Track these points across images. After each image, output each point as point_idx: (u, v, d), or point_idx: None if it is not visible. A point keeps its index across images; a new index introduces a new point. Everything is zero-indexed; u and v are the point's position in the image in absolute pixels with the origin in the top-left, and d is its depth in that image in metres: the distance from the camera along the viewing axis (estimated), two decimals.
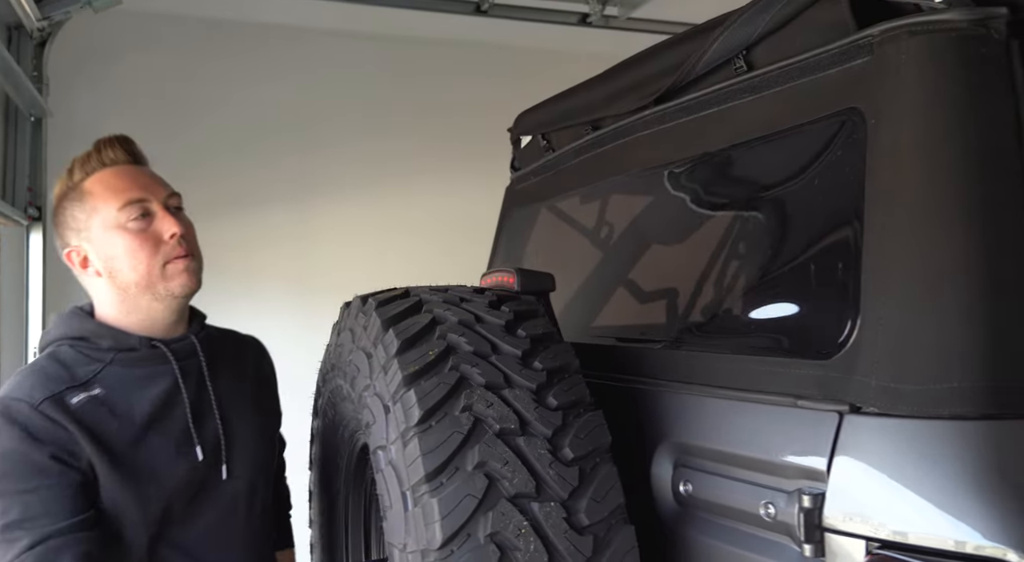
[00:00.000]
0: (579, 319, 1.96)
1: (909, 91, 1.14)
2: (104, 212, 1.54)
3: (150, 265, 1.54)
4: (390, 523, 1.31)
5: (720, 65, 1.51)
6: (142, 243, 1.53)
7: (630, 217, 1.89)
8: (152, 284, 1.55)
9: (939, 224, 1.06)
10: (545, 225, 2.35)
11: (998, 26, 1.12)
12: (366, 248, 4.29)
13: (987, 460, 1.00)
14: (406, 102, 4.27)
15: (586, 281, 2.04)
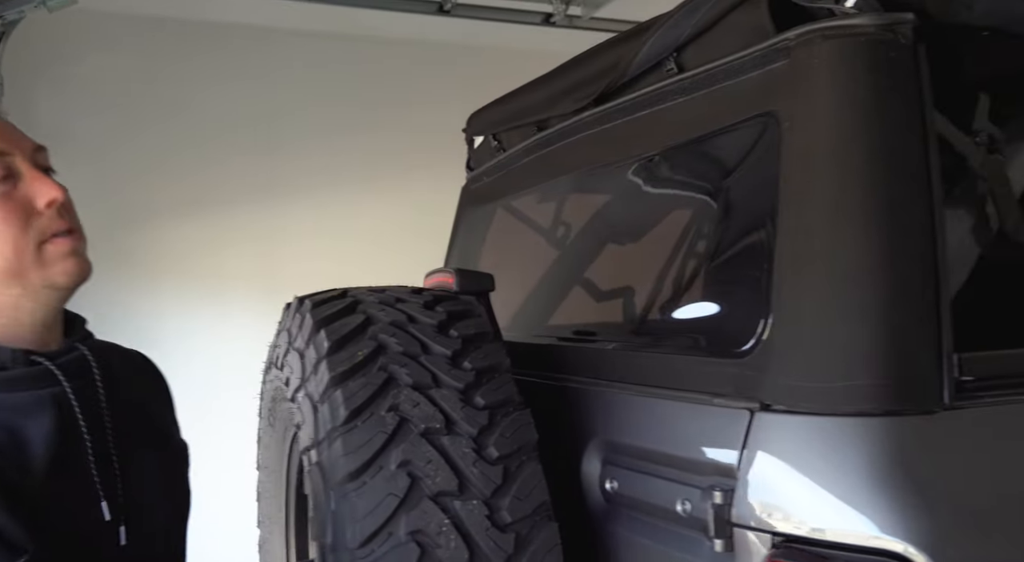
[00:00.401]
0: (524, 318, 1.98)
1: (818, 94, 1.16)
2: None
3: (18, 245, 1.08)
4: (316, 522, 1.32)
5: (653, 67, 1.53)
6: (6, 214, 1.08)
7: (570, 219, 1.90)
8: (22, 272, 1.09)
9: (843, 226, 1.09)
10: (497, 225, 2.37)
11: (905, 31, 1.14)
12: (332, 249, 4.28)
13: (887, 456, 1.02)
14: (371, 102, 4.27)
15: (531, 281, 2.05)
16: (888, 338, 1.05)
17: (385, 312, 1.48)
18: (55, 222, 1.12)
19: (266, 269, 4.26)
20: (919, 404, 1.04)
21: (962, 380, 1.06)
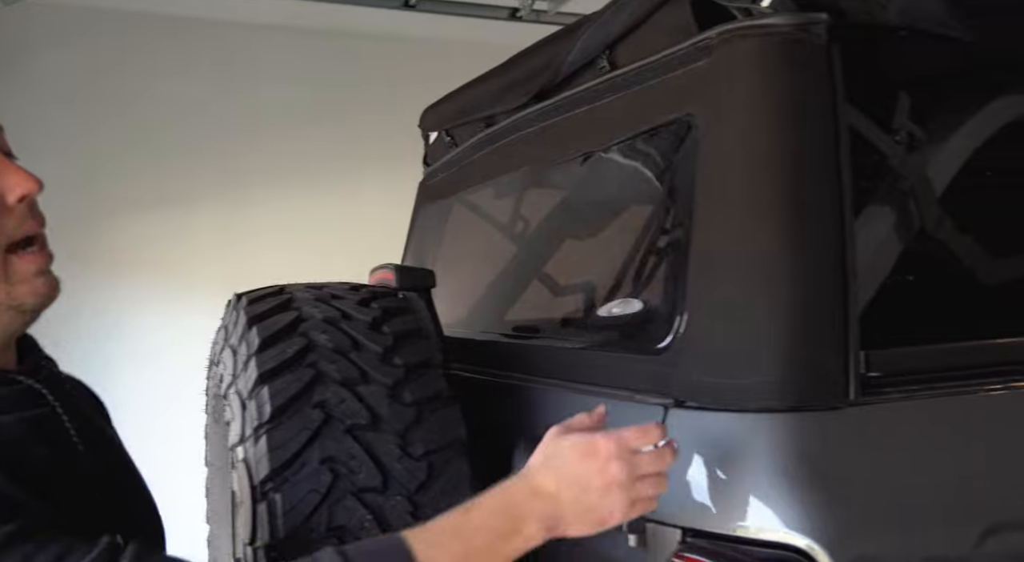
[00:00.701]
0: (470, 314, 1.99)
1: (731, 93, 1.17)
2: None
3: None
4: (241, 519, 1.32)
5: (587, 65, 1.53)
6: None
7: (513, 216, 1.91)
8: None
9: (750, 224, 1.10)
10: (450, 221, 2.37)
11: (819, 31, 1.15)
12: (298, 243, 4.27)
13: (792, 451, 1.04)
14: (336, 97, 4.26)
15: (479, 277, 2.06)
16: (793, 335, 1.06)
17: (319, 309, 1.48)
18: (26, 222, 0.93)
19: (231, 264, 4.24)
20: (825, 400, 1.05)
21: (868, 376, 1.07)
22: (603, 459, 0.93)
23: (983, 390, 1.12)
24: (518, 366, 1.59)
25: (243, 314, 1.49)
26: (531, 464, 0.96)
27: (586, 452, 0.93)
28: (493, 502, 0.92)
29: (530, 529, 0.91)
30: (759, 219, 1.09)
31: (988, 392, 1.12)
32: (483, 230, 2.13)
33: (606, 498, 0.93)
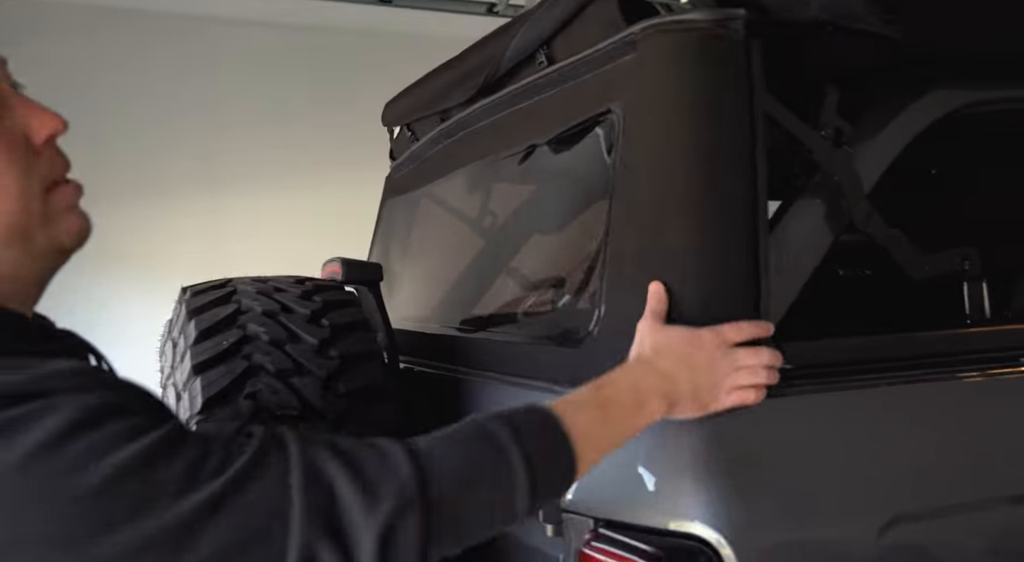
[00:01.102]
0: (423, 307, 2.00)
1: (650, 87, 1.18)
2: None
3: (25, 194, 0.82)
4: None
5: (526, 60, 1.54)
6: (8, 153, 0.82)
7: (464, 211, 1.92)
8: (27, 230, 0.82)
9: (662, 218, 1.11)
10: (412, 215, 2.38)
11: (737, 27, 1.16)
12: (276, 236, 4.29)
13: (700, 443, 1.05)
14: (314, 92, 4.27)
15: (431, 271, 2.07)
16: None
17: (259, 302, 1.49)
18: (57, 163, 0.87)
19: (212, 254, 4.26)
20: None
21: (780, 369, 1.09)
22: (709, 348, 1.01)
23: (893, 383, 1.13)
24: (461, 359, 1.60)
25: (184, 307, 1.50)
26: (644, 351, 1.02)
27: (693, 341, 1.01)
28: (622, 379, 0.97)
29: (652, 405, 0.96)
30: (669, 213, 1.10)
31: (897, 385, 1.14)
32: (440, 225, 2.14)
33: (714, 383, 1.00)
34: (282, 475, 0.71)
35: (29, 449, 0.64)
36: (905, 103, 1.36)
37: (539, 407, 0.88)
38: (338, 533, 0.71)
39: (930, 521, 1.07)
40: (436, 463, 0.79)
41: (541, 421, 0.87)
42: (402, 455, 0.78)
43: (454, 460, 0.80)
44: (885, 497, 1.06)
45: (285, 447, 0.73)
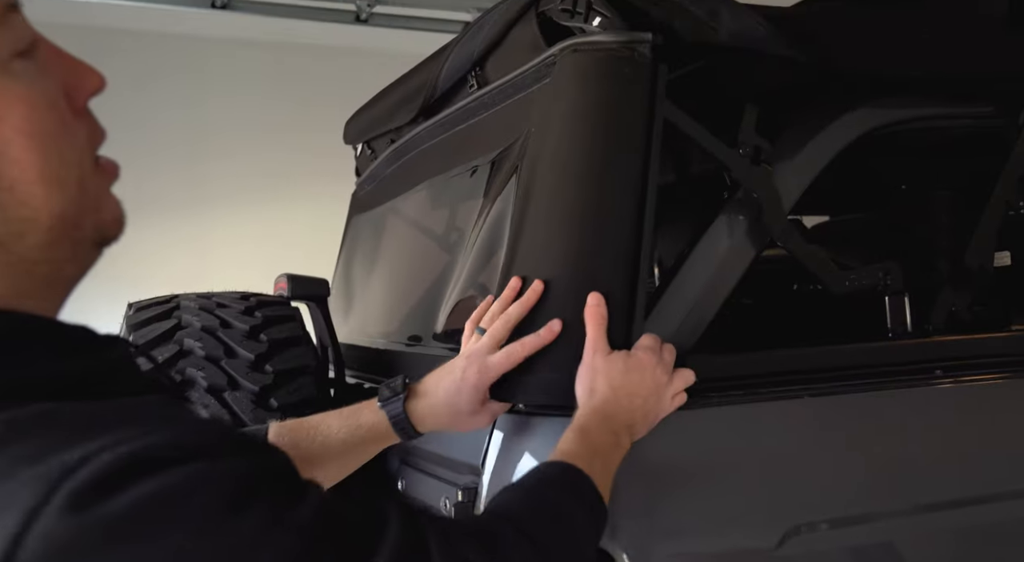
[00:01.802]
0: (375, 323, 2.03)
1: (558, 104, 1.21)
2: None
3: (85, 168, 0.67)
4: None
5: (459, 83, 1.58)
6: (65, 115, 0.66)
7: (414, 229, 1.96)
8: (79, 215, 0.65)
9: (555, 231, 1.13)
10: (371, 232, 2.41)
11: (643, 49, 1.19)
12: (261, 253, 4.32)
13: None
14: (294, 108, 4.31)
15: (387, 287, 2.10)
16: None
17: (199, 317, 1.52)
18: (97, 129, 0.70)
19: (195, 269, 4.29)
20: None
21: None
22: (650, 368, 1.05)
23: (795, 396, 1.16)
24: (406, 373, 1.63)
25: (126, 322, 1.53)
26: (600, 388, 1.03)
27: (636, 366, 1.05)
28: (598, 425, 0.99)
29: (624, 441, 1.00)
30: (561, 226, 1.13)
31: (799, 398, 1.16)
32: (394, 242, 2.17)
33: (658, 398, 1.05)
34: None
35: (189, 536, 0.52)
36: (825, 122, 1.39)
37: (580, 471, 0.91)
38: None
39: (830, 531, 1.09)
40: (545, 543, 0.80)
41: (590, 486, 0.91)
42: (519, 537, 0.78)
43: (557, 540, 0.82)
44: (785, 508, 1.08)
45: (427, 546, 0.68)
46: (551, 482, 0.89)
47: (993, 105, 1.47)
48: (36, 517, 0.49)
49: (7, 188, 0.59)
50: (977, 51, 1.43)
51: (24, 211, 0.60)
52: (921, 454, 1.23)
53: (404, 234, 2.01)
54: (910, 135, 1.45)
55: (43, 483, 0.50)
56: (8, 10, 0.62)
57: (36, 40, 0.65)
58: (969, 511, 1.22)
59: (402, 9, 3.93)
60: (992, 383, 1.33)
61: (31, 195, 0.60)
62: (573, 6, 1.21)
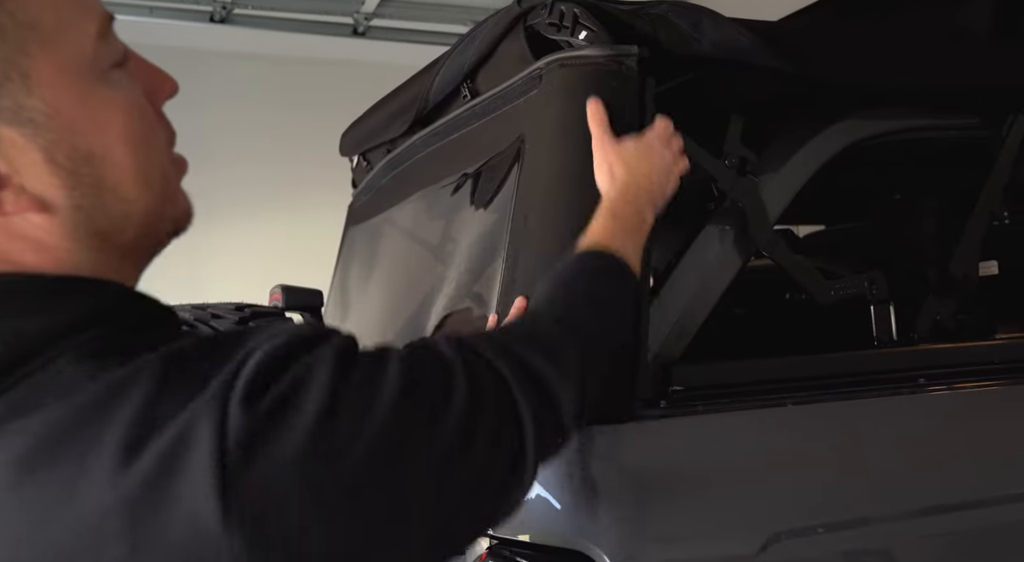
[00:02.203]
0: (370, 335, 2.04)
1: (548, 117, 1.23)
2: (67, 43, 0.65)
3: (166, 167, 0.73)
4: None
5: (452, 94, 1.60)
6: (153, 119, 0.72)
7: (411, 241, 1.97)
8: (163, 210, 0.72)
9: (549, 240, 1.15)
10: (369, 244, 2.43)
11: (630, 62, 1.21)
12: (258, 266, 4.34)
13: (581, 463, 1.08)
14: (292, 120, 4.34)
15: (381, 299, 2.12)
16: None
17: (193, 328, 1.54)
18: (172, 127, 0.76)
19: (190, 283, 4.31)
20: (615, 413, 1.10)
21: (663, 391, 1.13)
22: (659, 147, 1.13)
23: (777, 404, 1.17)
24: None
25: None
26: (619, 172, 1.10)
27: (647, 147, 1.12)
28: (620, 207, 1.06)
29: (648, 217, 1.08)
30: (555, 236, 1.14)
31: (782, 406, 1.17)
32: (389, 252, 2.19)
33: (671, 175, 1.14)
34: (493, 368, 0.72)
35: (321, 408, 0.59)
36: (810, 133, 1.41)
37: (606, 254, 0.98)
38: (549, 399, 0.75)
39: (812, 538, 1.10)
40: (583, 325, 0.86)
41: (616, 263, 0.97)
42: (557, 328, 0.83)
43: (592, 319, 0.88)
44: (767, 514, 1.09)
45: (479, 351, 0.74)
46: (590, 273, 0.95)
47: (977, 116, 1.49)
48: (224, 430, 0.55)
49: (110, 189, 0.66)
50: (961, 63, 1.45)
51: (124, 207, 0.67)
52: (904, 461, 1.24)
53: (400, 245, 2.03)
54: (896, 146, 1.47)
55: (216, 402, 0.56)
56: (108, 24, 0.68)
57: (126, 50, 0.71)
58: (954, 517, 1.23)
59: (399, 22, 3.96)
60: (975, 391, 1.34)
61: (129, 193, 0.68)
62: (560, 20, 1.23)
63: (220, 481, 0.53)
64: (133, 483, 0.54)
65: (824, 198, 1.93)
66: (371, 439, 0.59)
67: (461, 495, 0.66)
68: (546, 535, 1.07)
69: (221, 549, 0.53)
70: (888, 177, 1.78)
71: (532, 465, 0.72)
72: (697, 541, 1.08)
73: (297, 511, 0.56)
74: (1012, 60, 1.47)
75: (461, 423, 0.66)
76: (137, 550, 0.53)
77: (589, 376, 0.81)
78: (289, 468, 0.55)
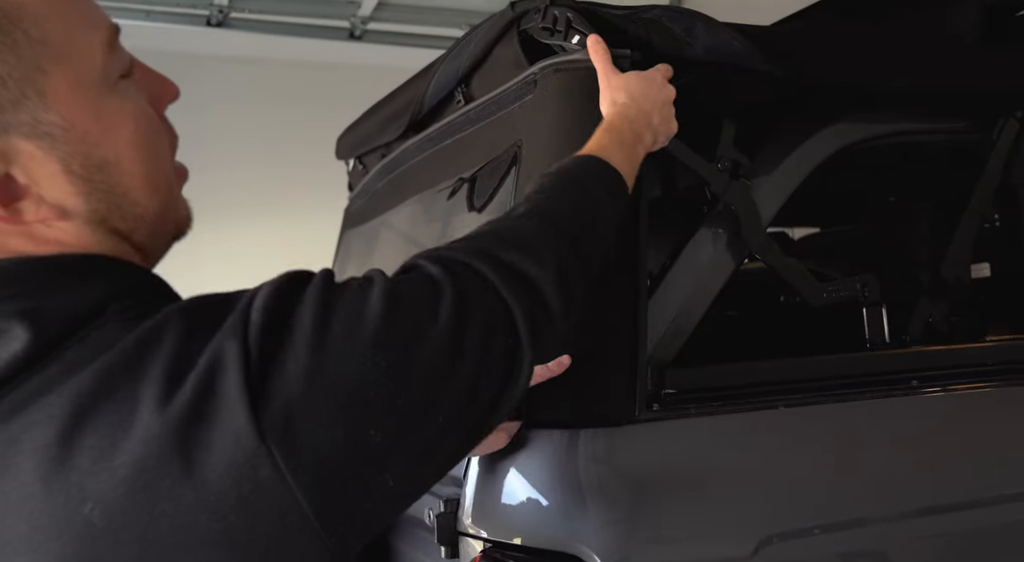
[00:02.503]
0: None
1: (544, 121, 1.23)
2: (79, 58, 0.68)
3: (170, 172, 0.78)
4: None
5: (446, 98, 1.60)
6: (159, 126, 0.77)
7: (404, 243, 1.98)
8: (167, 213, 0.78)
9: None
10: (365, 247, 2.43)
11: (624, 66, 1.21)
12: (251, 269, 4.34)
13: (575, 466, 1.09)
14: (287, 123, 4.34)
15: None
16: (578, 354, 1.11)
17: None
18: (174, 131, 0.81)
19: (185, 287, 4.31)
20: (610, 417, 1.10)
21: (656, 394, 1.13)
22: (659, 82, 1.17)
23: (769, 406, 1.18)
24: None
25: None
26: (620, 97, 1.13)
27: (648, 80, 1.16)
28: (622, 124, 1.09)
29: (646, 138, 1.11)
30: None
31: (773, 408, 1.18)
32: (385, 255, 2.19)
33: (671, 113, 1.17)
34: (477, 273, 0.76)
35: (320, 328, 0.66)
36: (802, 137, 1.41)
37: (595, 157, 1.00)
38: (535, 292, 0.79)
39: (803, 540, 1.11)
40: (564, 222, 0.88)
41: (604, 167, 0.99)
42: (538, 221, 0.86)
43: (575, 217, 0.90)
44: (759, 517, 1.10)
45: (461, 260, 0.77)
46: (575, 174, 0.96)
47: (968, 120, 1.50)
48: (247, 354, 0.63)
49: (122, 194, 0.72)
50: (951, 67, 1.46)
51: (137, 210, 0.73)
52: (897, 463, 1.24)
53: (396, 248, 2.03)
54: (888, 149, 1.47)
55: (236, 332, 0.64)
56: (115, 36, 0.72)
57: (132, 60, 0.75)
58: (947, 518, 1.24)
59: (395, 26, 3.97)
60: (968, 393, 1.35)
61: (140, 198, 0.73)
62: (553, 25, 1.23)
63: (249, 397, 0.61)
64: (177, 411, 0.60)
65: (818, 201, 1.94)
66: (364, 347, 0.66)
67: (458, 397, 0.71)
68: (539, 538, 1.08)
69: (259, 455, 0.60)
70: (881, 180, 1.79)
71: (529, 353, 0.77)
72: (690, 544, 1.09)
73: (314, 416, 0.63)
74: (1001, 64, 1.48)
75: (450, 326, 0.71)
76: (190, 467, 0.60)
77: (571, 270, 0.84)
78: (302, 380, 0.63)
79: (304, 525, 0.62)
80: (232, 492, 0.60)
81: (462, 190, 1.59)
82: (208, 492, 0.60)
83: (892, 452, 1.22)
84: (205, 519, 0.60)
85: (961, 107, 1.49)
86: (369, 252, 2.29)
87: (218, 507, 0.60)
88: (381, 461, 0.67)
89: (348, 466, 0.65)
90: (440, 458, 0.74)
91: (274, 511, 0.61)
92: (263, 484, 0.61)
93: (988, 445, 1.30)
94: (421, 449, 0.70)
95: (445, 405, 0.70)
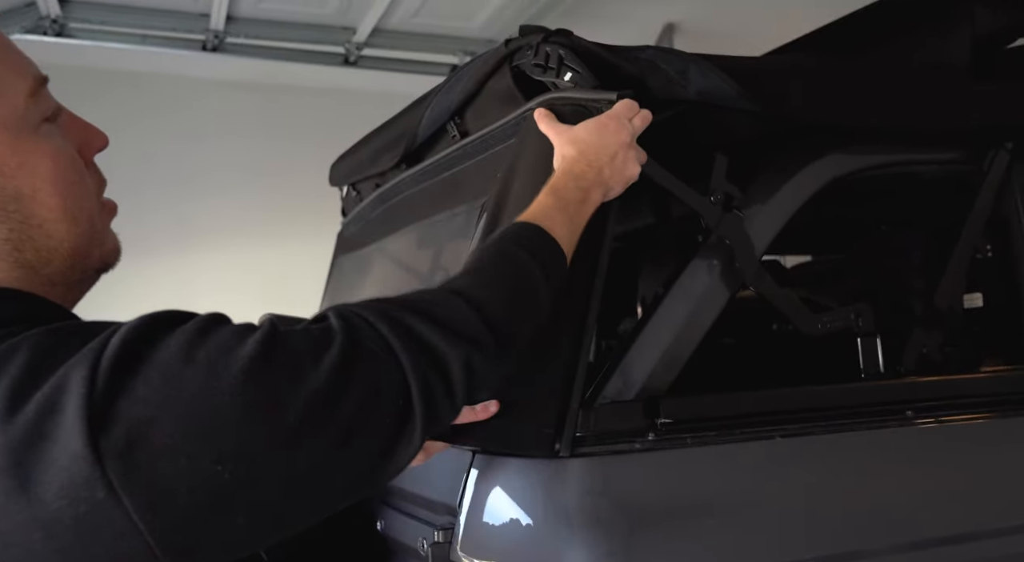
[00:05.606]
0: None
1: (528, 156, 1.24)
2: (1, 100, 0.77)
3: (91, 210, 0.83)
4: None
5: (439, 132, 1.61)
6: (81, 167, 0.83)
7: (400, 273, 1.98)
8: (89, 248, 0.83)
9: None
10: (357, 273, 2.44)
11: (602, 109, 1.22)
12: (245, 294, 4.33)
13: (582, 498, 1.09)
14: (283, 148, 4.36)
15: None
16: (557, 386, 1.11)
17: None
18: (101, 178, 0.89)
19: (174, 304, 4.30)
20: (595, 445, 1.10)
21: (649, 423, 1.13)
22: (612, 131, 1.13)
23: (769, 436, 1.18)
24: None
25: None
26: (569, 152, 1.12)
27: (600, 129, 1.13)
28: (567, 182, 1.07)
29: (594, 196, 1.09)
30: None
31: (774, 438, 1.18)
32: (377, 282, 2.19)
33: (627, 158, 1.13)
34: (376, 331, 0.76)
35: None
36: (794, 169, 1.42)
37: (529, 224, 0.99)
38: (436, 363, 0.79)
39: None
40: (488, 300, 0.87)
41: (539, 235, 0.98)
42: (460, 301, 0.85)
43: (499, 292, 0.89)
44: (755, 548, 1.10)
45: (364, 316, 0.78)
46: (503, 246, 0.95)
47: (959, 151, 1.51)
48: (93, 381, 0.64)
49: (37, 225, 0.77)
50: (940, 101, 1.47)
51: (51, 242, 0.78)
52: (892, 494, 1.24)
53: (387, 275, 2.03)
54: (881, 180, 1.49)
55: (86, 359, 0.65)
56: (40, 85, 0.80)
57: (58, 108, 0.83)
58: (942, 551, 1.24)
59: (390, 52, 3.99)
60: (963, 423, 1.35)
61: (56, 230, 0.79)
62: (545, 61, 1.24)
63: (89, 420, 0.62)
64: (18, 428, 0.63)
65: (811, 229, 1.95)
66: (227, 383, 0.66)
67: (329, 447, 0.71)
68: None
69: (95, 477, 0.62)
70: (873, 209, 1.80)
71: (421, 425, 0.77)
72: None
73: (158, 443, 0.64)
74: (990, 97, 1.50)
75: (331, 374, 0.71)
76: (25, 484, 0.62)
77: (485, 355, 0.83)
78: (151, 408, 0.64)
79: (144, 549, 0.63)
80: (67, 512, 0.62)
81: (454, 224, 1.60)
82: (43, 511, 0.62)
83: (887, 483, 1.22)
84: (40, 538, 0.62)
85: (952, 139, 1.50)
86: (362, 277, 2.30)
87: (53, 527, 0.62)
88: (230, 498, 0.66)
89: (191, 497, 0.65)
90: (315, 500, 0.73)
91: (109, 533, 0.63)
92: (98, 506, 0.62)
93: (983, 477, 1.31)
94: (281, 491, 0.69)
95: (316, 451, 0.70)
